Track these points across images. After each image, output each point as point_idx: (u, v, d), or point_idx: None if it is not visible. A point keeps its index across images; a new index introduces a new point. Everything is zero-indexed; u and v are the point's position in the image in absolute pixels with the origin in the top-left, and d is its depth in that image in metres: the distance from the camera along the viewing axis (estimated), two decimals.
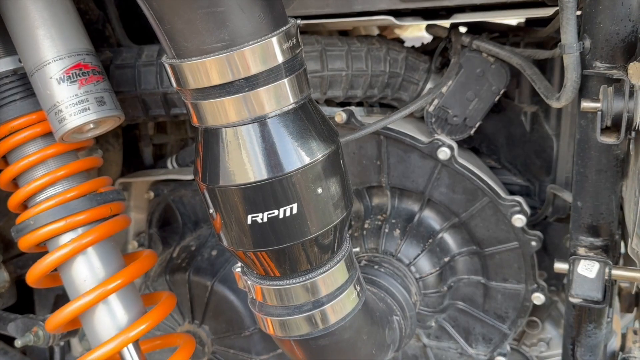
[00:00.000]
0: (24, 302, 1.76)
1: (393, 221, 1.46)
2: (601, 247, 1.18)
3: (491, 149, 1.56)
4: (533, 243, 1.38)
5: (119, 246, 1.56)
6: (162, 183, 1.71)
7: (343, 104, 1.47)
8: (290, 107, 0.86)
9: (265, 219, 0.88)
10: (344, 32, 1.78)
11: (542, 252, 1.56)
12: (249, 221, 0.89)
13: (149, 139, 1.76)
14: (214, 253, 1.56)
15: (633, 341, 1.38)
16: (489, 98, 1.35)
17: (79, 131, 1.11)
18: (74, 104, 1.05)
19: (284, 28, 0.83)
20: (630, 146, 1.09)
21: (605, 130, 0.99)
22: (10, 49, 1.12)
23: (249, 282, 1.02)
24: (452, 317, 1.52)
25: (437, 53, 1.41)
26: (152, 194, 1.71)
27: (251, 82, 0.82)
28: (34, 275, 1.14)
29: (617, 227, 1.20)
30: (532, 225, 1.51)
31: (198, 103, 0.85)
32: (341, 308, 1.02)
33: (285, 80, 0.84)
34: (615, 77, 1.00)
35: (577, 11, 1.00)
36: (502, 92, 1.36)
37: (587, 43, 1.02)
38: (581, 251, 1.19)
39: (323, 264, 0.98)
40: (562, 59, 1.03)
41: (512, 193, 1.40)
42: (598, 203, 1.15)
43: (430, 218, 1.45)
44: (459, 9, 1.25)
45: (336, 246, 0.99)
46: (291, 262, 0.95)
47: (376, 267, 1.37)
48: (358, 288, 1.06)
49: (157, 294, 1.31)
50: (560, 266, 1.20)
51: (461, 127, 1.38)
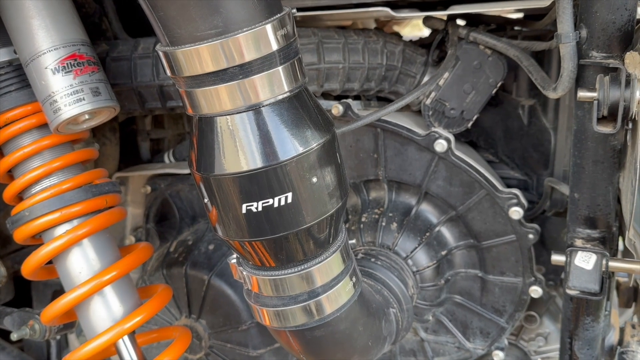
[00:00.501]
0: (22, 298, 1.76)
1: (390, 214, 1.45)
2: (598, 239, 1.18)
3: (489, 143, 1.56)
4: (530, 236, 1.37)
5: (116, 239, 1.55)
6: (159, 177, 1.71)
7: (340, 98, 1.46)
8: (285, 96, 0.86)
9: (260, 208, 0.88)
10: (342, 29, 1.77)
11: (541, 247, 1.55)
12: (244, 210, 0.89)
13: (147, 134, 1.76)
14: (211, 247, 1.55)
15: (631, 335, 1.37)
16: (486, 90, 1.35)
17: (74, 122, 1.10)
18: (69, 94, 1.05)
19: (278, 15, 0.83)
20: (627, 137, 1.08)
21: (601, 119, 0.99)
22: (5, 40, 1.12)
23: (245, 273, 1.02)
24: (450, 311, 1.52)
25: (434, 45, 1.41)
26: (149, 189, 1.71)
27: (245, 70, 0.82)
28: (29, 266, 1.14)
29: (615, 219, 1.20)
30: (530, 219, 1.50)
31: (192, 91, 0.85)
32: (337, 298, 1.02)
33: (279, 68, 0.84)
34: (611, 67, 1.00)
35: (574, 0, 0.99)
36: (500, 85, 1.35)
37: (584, 32, 1.02)
38: (578, 243, 1.19)
39: (319, 254, 0.98)
40: (559, 51, 1.03)
41: (510, 187, 1.40)
42: (595, 194, 1.14)
43: (427, 211, 1.45)
44: (456, 0, 1.25)
45: (332, 236, 0.98)
46: (286, 252, 0.95)
47: (373, 260, 1.36)
48: (354, 279, 1.06)
49: (153, 287, 1.31)
50: (557, 258, 1.20)
51: (458, 120, 1.38)
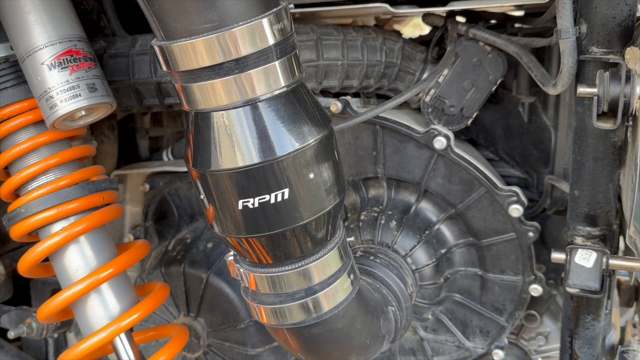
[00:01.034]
0: (21, 297, 1.76)
1: (389, 212, 1.45)
2: (599, 237, 1.17)
3: (488, 141, 1.55)
4: (530, 234, 1.36)
5: (114, 238, 1.55)
6: (158, 175, 1.70)
7: (339, 96, 1.46)
8: (281, 91, 0.85)
9: (256, 204, 0.87)
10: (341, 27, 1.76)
11: (541, 246, 1.54)
12: (240, 206, 0.88)
13: (145, 132, 1.75)
14: (210, 245, 1.54)
15: (632, 335, 1.36)
16: (486, 88, 1.34)
17: (71, 118, 1.10)
18: (65, 90, 1.04)
19: (275, 10, 0.82)
20: (627, 134, 1.07)
21: (601, 115, 0.98)
22: (1, 37, 1.11)
23: (242, 270, 1.01)
24: (449, 310, 1.51)
25: (434, 42, 1.40)
26: (148, 187, 1.70)
27: (241, 64, 0.81)
28: (26, 264, 1.13)
29: (615, 217, 1.19)
30: (531, 217, 1.49)
31: (188, 86, 0.84)
32: (334, 296, 1.01)
33: (276, 62, 0.83)
34: (611, 62, 0.99)
35: None
36: (499, 82, 1.35)
37: (584, 28, 1.01)
38: (578, 241, 1.18)
39: (316, 251, 0.97)
40: (559, 48, 1.02)
41: (510, 185, 1.39)
42: (595, 192, 1.13)
43: (426, 209, 1.44)
44: None
45: (329, 233, 0.98)
46: (283, 249, 0.94)
47: (372, 258, 1.36)
48: (352, 277, 1.05)
49: (151, 285, 1.30)
50: (557, 256, 1.19)
51: (458, 118, 1.37)
